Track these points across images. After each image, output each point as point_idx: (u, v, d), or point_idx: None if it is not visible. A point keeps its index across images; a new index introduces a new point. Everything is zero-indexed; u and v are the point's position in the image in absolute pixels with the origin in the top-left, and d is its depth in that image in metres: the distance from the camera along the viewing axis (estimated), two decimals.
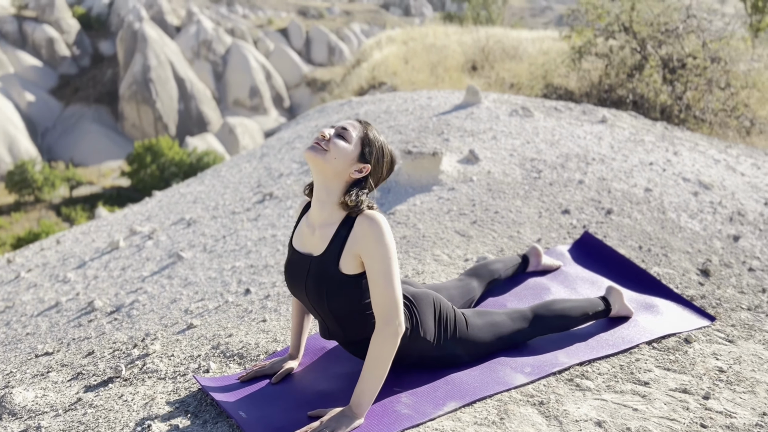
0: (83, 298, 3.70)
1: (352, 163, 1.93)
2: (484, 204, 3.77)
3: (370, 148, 1.96)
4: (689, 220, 4.00)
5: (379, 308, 1.92)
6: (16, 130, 52.23)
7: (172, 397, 2.36)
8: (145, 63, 57.98)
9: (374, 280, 1.91)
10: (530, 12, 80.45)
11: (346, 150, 1.92)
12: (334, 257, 1.96)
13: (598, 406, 2.21)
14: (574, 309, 2.60)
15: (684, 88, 7.92)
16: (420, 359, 2.29)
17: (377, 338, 1.93)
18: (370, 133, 1.97)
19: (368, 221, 1.91)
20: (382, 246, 1.90)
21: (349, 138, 1.93)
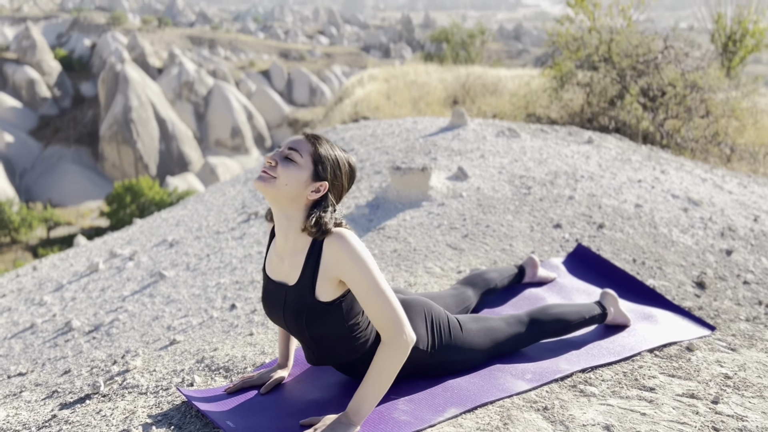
0: (60, 319, 3.54)
1: (307, 184, 1.79)
2: (474, 218, 3.71)
3: (323, 164, 1.81)
4: (681, 234, 3.97)
5: (381, 323, 1.82)
6: None
7: (154, 411, 2.22)
8: (126, 104, 58.00)
9: (365, 298, 1.80)
10: (507, 54, 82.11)
11: (296, 173, 1.78)
12: (308, 286, 1.84)
13: (604, 411, 2.12)
14: (571, 313, 2.53)
15: (665, 115, 8.02)
16: (416, 369, 2.18)
17: (387, 350, 1.82)
18: (321, 148, 1.82)
19: (336, 242, 1.79)
20: (359, 262, 1.78)
21: (298, 159, 1.79)
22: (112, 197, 42.83)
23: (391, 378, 1.86)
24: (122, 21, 73.86)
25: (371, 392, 1.85)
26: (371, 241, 3.49)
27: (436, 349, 2.16)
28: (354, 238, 1.81)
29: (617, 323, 2.72)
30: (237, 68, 72.72)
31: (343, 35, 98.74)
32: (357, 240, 1.81)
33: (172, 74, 64.47)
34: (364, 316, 1.94)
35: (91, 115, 63.79)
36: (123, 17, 74.68)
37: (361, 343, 1.95)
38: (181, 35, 76.31)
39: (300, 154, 1.79)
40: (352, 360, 2.00)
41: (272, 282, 1.95)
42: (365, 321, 1.95)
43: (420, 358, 2.14)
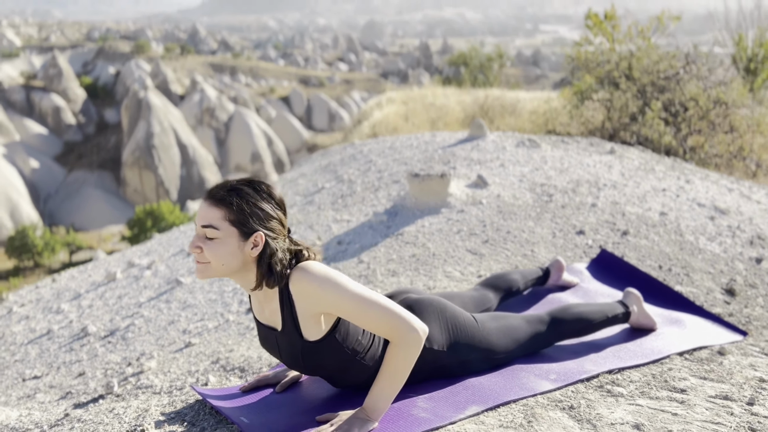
0: (76, 325, 3.51)
1: (241, 248, 1.66)
2: (495, 224, 3.64)
3: (244, 220, 1.64)
4: (708, 242, 3.86)
5: (385, 331, 1.74)
6: (18, 196, 52.51)
7: (167, 409, 2.17)
8: (148, 130, 58.89)
9: (355, 317, 1.72)
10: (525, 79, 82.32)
11: (223, 249, 1.64)
12: (294, 331, 1.77)
13: (633, 411, 2.02)
14: (593, 312, 2.44)
15: (688, 131, 7.91)
16: (435, 369, 2.11)
17: (399, 350, 1.75)
18: (231, 207, 1.64)
19: (298, 280, 1.70)
20: (329, 287, 1.69)
21: (217, 234, 1.63)
22: (134, 222, 43.26)
23: (406, 373, 1.79)
24: (146, 49, 75.39)
25: (387, 388, 1.78)
26: (389, 246, 3.43)
27: (453, 349, 2.08)
28: (315, 267, 1.71)
29: (641, 325, 2.62)
30: (257, 94, 73.68)
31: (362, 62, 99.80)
32: (318, 266, 1.72)
33: (193, 101, 65.46)
34: (366, 336, 1.87)
35: (114, 140, 64.86)
36: (147, 46, 76.24)
37: (369, 363, 1.88)
38: (203, 63, 77.66)
39: (215, 228, 1.63)
40: (364, 380, 1.93)
41: (262, 325, 1.89)
42: (368, 340, 1.87)
43: (436, 358, 2.06)
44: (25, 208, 51.71)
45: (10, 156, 57.44)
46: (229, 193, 1.65)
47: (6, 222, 49.74)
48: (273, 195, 1.71)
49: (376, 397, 1.79)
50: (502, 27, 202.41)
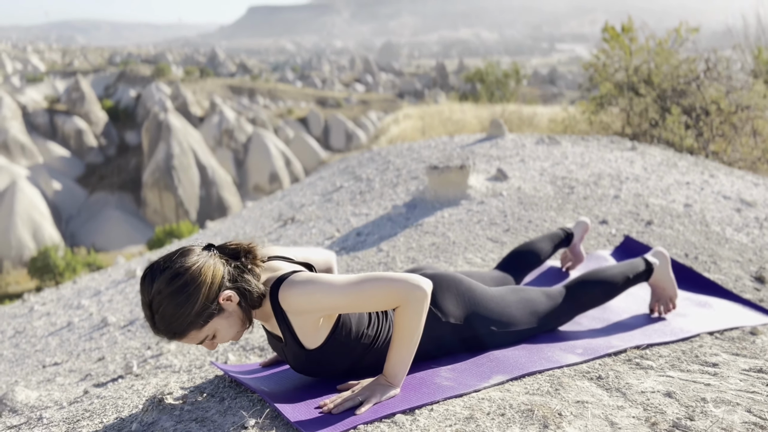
0: (96, 317, 3.50)
1: (228, 316, 1.68)
2: (516, 214, 3.59)
3: (204, 312, 1.61)
4: (735, 233, 3.77)
5: (389, 302, 1.71)
6: (41, 217, 53.24)
7: (187, 384, 2.14)
8: (168, 151, 59.59)
9: (355, 305, 1.69)
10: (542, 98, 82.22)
11: (224, 332, 1.69)
12: (296, 343, 1.76)
13: (664, 381, 1.96)
14: (615, 275, 2.36)
15: (710, 134, 7.81)
16: (453, 344, 2.06)
17: (406, 312, 1.71)
18: (190, 322, 1.60)
19: (286, 298, 1.67)
20: (316, 290, 1.65)
21: (210, 334, 1.67)
22: (153, 242, 43.61)
23: (418, 331, 1.74)
24: (166, 72, 76.63)
25: (403, 351, 1.75)
26: (408, 236, 3.39)
27: (470, 321, 2.04)
28: (297, 278, 1.69)
29: (661, 285, 2.51)
30: (276, 116, 74.38)
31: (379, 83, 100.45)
32: (300, 276, 1.69)
33: (213, 122, 66.23)
34: (373, 327, 1.85)
35: (135, 162, 65.70)
36: (167, 69, 77.50)
37: (383, 349, 1.85)
38: (222, 85, 78.68)
39: (205, 338, 1.67)
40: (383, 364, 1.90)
41: (270, 334, 1.89)
42: (375, 329, 1.85)
43: (455, 332, 2.02)
44: (47, 229, 52.39)
45: (34, 178, 58.40)
46: (175, 325, 1.60)
47: (29, 243, 50.39)
48: (194, 280, 1.59)
49: (393, 363, 1.75)
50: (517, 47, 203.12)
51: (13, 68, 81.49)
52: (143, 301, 1.60)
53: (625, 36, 9.82)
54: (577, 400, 1.78)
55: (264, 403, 1.84)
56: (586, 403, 1.76)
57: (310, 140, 68.90)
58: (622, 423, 1.64)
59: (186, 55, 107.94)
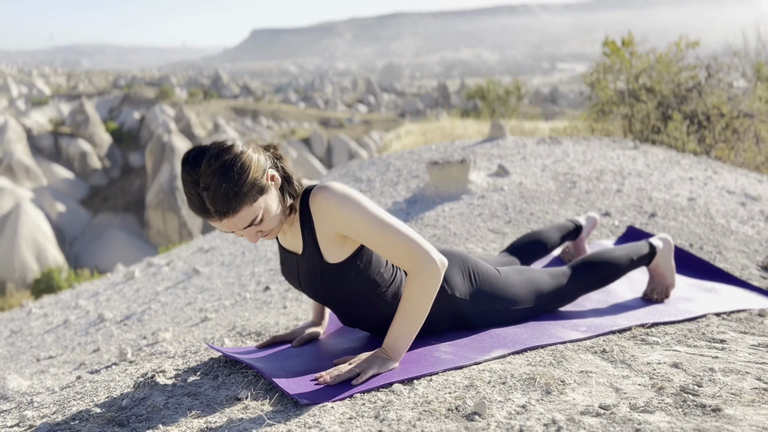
0: (93, 315, 3.46)
1: (273, 199, 1.62)
2: (518, 207, 3.55)
3: (255, 189, 1.56)
4: (740, 225, 3.72)
5: (403, 258, 1.65)
6: (45, 239, 53.31)
7: (181, 367, 2.09)
8: (172, 172, 59.78)
9: (373, 240, 1.64)
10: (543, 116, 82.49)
11: (271, 216, 1.62)
12: (315, 252, 1.71)
13: (671, 355, 1.90)
14: (618, 257, 2.32)
15: (713, 140, 7.78)
16: (455, 320, 2.01)
17: (417, 280, 1.66)
18: (243, 199, 1.53)
19: (317, 197, 1.64)
20: (348, 206, 1.62)
21: (259, 215, 1.58)
22: None
23: (425, 308, 1.70)
24: (170, 95, 77.18)
25: (406, 325, 1.70)
26: None
27: (475, 298, 1.99)
28: (335, 186, 1.66)
29: (661, 272, 2.47)
30: (279, 136, 74.69)
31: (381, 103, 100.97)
32: (339, 186, 1.65)
33: None
34: (388, 270, 1.79)
35: (138, 184, 65.94)
36: (171, 92, 78.06)
37: (389, 299, 1.81)
38: (225, 107, 79.21)
39: (255, 219, 1.58)
40: (382, 320, 1.85)
41: (285, 251, 1.85)
42: (390, 275, 1.80)
43: (459, 306, 1.97)
44: (51, 251, 52.42)
45: (38, 200, 58.59)
46: (229, 199, 1.52)
47: (32, 265, 50.39)
48: (241, 155, 1.55)
49: (395, 335, 1.71)
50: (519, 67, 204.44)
51: (19, 92, 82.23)
52: (190, 182, 1.52)
53: (625, 50, 9.83)
54: (581, 370, 1.73)
55: (259, 378, 1.79)
56: (590, 373, 1.71)
57: (313, 160, 69.10)
58: (628, 389, 1.59)
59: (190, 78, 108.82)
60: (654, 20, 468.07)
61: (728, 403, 1.47)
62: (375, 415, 1.46)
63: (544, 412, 1.43)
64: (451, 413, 1.45)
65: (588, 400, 1.51)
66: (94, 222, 60.11)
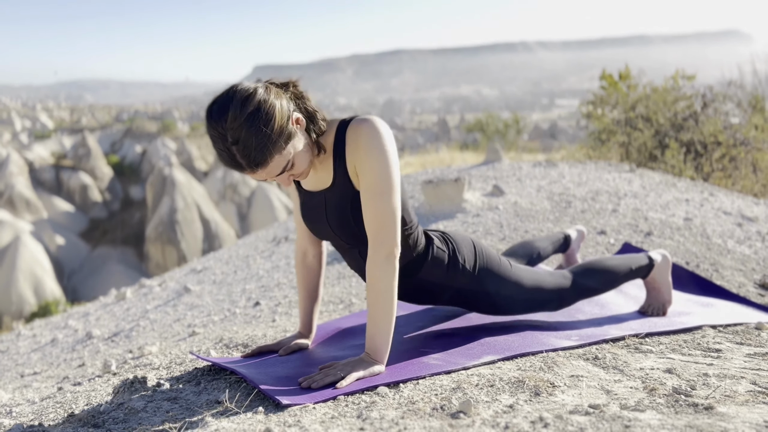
0: (81, 333, 3.40)
1: (301, 141, 1.61)
2: (512, 225, 3.52)
3: (284, 137, 1.54)
4: (737, 245, 3.68)
5: (374, 233, 1.61)
6: (43, 272, 53.07)
7: (164, 376, 2.05)
8: (172, 205, 59.85)
9: (366, 194, 1.60)
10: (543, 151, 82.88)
11: (301, 158, 1.61)
12: (344, 180, 1.68)
13: (665, 362, 1.86)
14: (618, 266, 2.31)
15: (711, 168, 7.79)
16: (458, 294, 1.98)
17: (371, 267, 1.62)
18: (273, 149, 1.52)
19: (355, 127, 1.62)
20: (376, 152, 1.58)
21: (290, 160, 1.59)
22: None
23: (389, 300, 1.64)
24: (172, 129, 77.81)
25: (377, 323, 1.66)
26: None
27: (482, 275, 1.97)
28: (379, 123, 1.62)
29: (657, 287, 2.44)
30: None
31: None
32: (381, 125, 1.62)
33: (217, 176, 66.81)
34: (410, 216, 1.80)
35: (139, 217, 65.99)
36: (173, 125, 78.73)
37: (410, 242, 1.80)
38: None
39: (286, 165, 1.58)
40: (404, 264, 1.82)
41: (310, 194, 1.80)
42: (411, 220, 1.80)
43: (465, 280, 1.94)
44: (48, 284, 52.14)
45: (37, 233, 58.54)
46: (260, 150, 1.50)
47: (29, 298, 50.07)
48: (265, 104, 1.52)
49: (371, 334, 1.67)
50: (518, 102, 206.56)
51: (22, 126, 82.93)
52: (217, 137, 1.49)
53: (622, 83, 9.91)
54: (572, 375, 1.68)
55: (241, 382, 1.75)
56: (581, 377, 1.66)
57: None
58: (619, 391, 1.54)
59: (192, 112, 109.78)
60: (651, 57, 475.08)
61: (721, 402, 1.43)
62: (357, 415, 1.41)
63: (531, 411, 1.38)
64: (435, 412, 1.40)
65: (577, 400, 1.46)
66: (93, 255, 59.91)
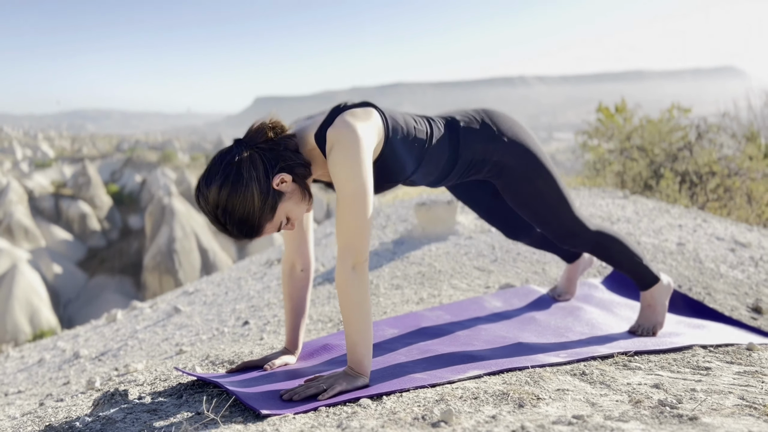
0: (69, 353, 3.37)
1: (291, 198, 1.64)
2: (504, 248, 3.51)
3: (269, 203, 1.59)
4: (730, 270, 3.67)
5: (339, 237, 1.60)
6: (39, 301, 52.69)
7: (147, 390, 2.02)
8: (170, 235, 59.67)
9: (338, 200, 1.59)
10: None
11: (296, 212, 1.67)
12: None
13: (653, 378, 1.84)
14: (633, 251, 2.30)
15: (705, 198, 7.81)
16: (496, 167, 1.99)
17: (339, 279, 1.60)
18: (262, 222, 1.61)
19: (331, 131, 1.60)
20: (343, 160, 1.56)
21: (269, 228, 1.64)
22: None
23: (364, 311, 1.62)
24: (172, 158, 78.12)
25: (354, 334, 1.64)
26: (394, 267, 3.31)
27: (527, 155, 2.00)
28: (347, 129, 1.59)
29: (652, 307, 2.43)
30: None
31: None
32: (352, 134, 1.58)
33: None
34: (417, 127, 1.81)
35: (137, 246, 65.79)
36: (173, 155, 79.05)
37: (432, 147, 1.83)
38: None
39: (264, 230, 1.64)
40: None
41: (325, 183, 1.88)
42: (421, 130, 1.81)
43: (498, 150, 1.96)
44: (44, 313, 51.73)
45: (35, 262, 58.30)
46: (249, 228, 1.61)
47: (24, 327, 49.64)
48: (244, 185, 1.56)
49: (350, 346, 1.66)
50: None
51: (23, 154, 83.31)
52: (206, 212, 1.60)
53: (619, 116, 9.99)
54: (558, 389, 1.66)
55: (223, 394, 1.73)
56: (567, 391, 1.64)
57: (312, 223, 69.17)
58: (604, 404, 1.52)
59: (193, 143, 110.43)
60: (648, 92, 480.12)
61: (707, 414, 1.41)
62: (338, 425, 1.39)
63: (514, 420, 1.36)
64: (416, 422, 1.38)
65: (561, 412, 1.44)
66: (90, 284, 59.56)
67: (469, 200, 2.35)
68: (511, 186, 2.04)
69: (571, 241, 2.20)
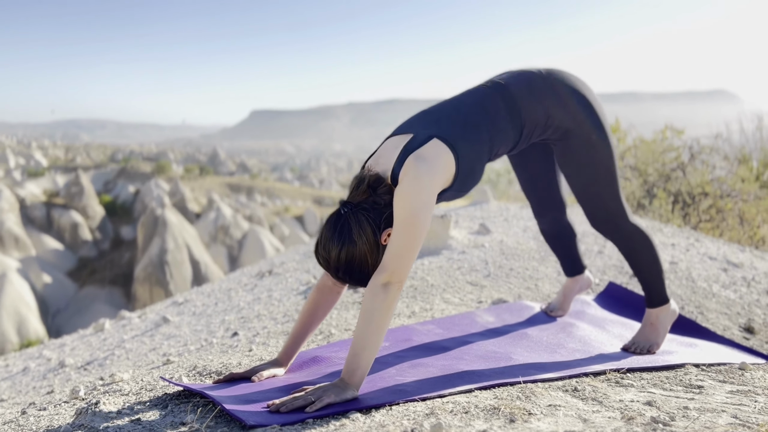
0: (55, 362, 3.32)
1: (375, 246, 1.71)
2: (497, 263, 3.49)
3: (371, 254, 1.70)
4: (722, 289, 3.67)
5: (387, 260, 1.65)
6: (28, 310, 52.21)
7: (132, 400, 1.98)
8: (162, 246, 59.40)
9: (394, 228, 1.66)
10: None
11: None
12: None
13: (646, 395, 1.82)
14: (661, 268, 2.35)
15: (698, 219, 7.83)
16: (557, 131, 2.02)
17: (368, 291, 1.64)
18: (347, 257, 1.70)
19: (406, 164, 1.72)
20: (407, 188, 1.66)
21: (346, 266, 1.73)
22: None
23: (379, 329, 1.63)
24: (166, 170, 77.98)
25: (360, 346, 1.62)
26: None
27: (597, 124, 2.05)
28: (422, 166, 1.70)
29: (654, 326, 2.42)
30: (272, 213, 75.05)
31: None
32: (424, 168, 1.69)
33: (209, 218, 66.67)
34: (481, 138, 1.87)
35: (128, 257, 65.43)
36: (167, 166, 78.92)
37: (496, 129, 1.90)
38: (221, 183, 79.98)
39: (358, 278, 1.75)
40: None
41: None
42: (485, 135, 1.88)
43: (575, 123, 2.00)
44: (32, 322, 51.25)
45: (24, 271, 57.83)
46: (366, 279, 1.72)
47: (12, 337, 49.13)
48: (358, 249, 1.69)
49: (351, 357, 1.64)
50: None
51: (16, 163, 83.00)
52: (333, 275, 1.74)
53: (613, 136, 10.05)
54: (549, 404, 1.64)
55: (209, 405, 1.69)
56: (559, 407, 1.62)
57: (305, 237, 69.12)
58: (596, 420, 1.50)
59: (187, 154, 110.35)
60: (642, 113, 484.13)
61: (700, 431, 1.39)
62: None
63: None
64: None
65: (553, 427, 1.42)
66: (80, 295, 59.06)
67: (520, 163, 2.38)
68: (571, 149, 2.06)
69: (607, 226, 2.21)
